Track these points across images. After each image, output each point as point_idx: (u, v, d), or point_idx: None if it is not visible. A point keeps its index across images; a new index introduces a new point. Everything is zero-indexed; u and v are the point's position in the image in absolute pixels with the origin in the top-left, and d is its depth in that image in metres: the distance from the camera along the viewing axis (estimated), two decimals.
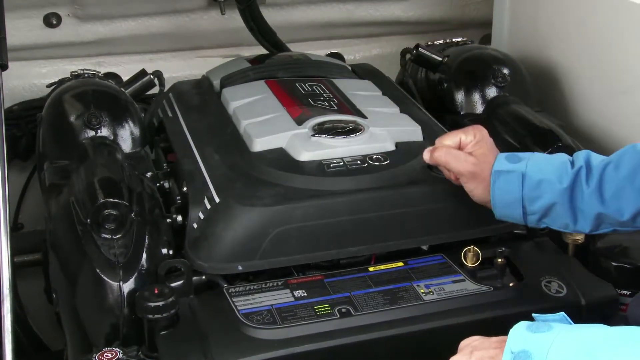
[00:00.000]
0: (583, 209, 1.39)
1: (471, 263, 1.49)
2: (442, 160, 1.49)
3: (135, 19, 2.39)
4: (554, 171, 1.41)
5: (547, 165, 1.42)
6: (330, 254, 1.50)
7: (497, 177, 1.43)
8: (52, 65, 2.39)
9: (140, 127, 1.79)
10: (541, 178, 1.40)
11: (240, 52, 2.45)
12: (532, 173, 1.41)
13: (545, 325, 1.05)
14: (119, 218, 1.45)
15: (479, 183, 1.46)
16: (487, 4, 2.50)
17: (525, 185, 1.41)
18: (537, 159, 1.44)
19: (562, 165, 1.41)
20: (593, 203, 1.37)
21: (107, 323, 1.40)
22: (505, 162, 1.44)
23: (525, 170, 1.42)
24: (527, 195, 1.41)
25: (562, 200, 1.39)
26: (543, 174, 1.41)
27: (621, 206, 1.35)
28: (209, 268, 1.45)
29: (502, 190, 1.43)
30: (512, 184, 1.42)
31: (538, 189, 1.40)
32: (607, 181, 1.36)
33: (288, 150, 1.61)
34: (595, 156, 1.42)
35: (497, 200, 1.43)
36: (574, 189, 1.39)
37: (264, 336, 1.32)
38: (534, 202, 1.41)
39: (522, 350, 1.02)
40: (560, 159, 1.44)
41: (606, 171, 1.37)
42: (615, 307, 1.47)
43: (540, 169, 1.42)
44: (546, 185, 1.40)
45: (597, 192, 1.37)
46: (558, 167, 1.41)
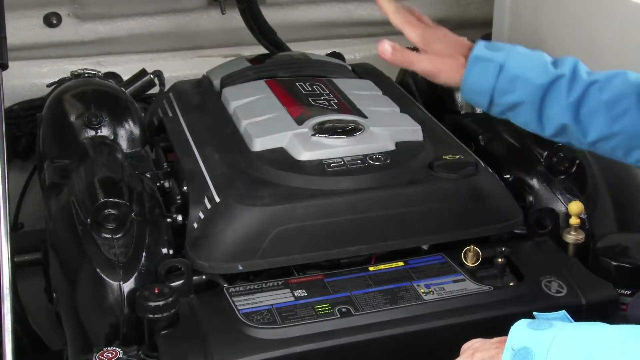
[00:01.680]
0: (551, 115, 1.38)
1: (471, 263, 1.49)
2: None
3: (136, 18, 2.39)
4: (533, 69, 1.38)
5: (526, 61, 1.39)
6: (331, 253, 1.50)
7: (475, 63, 1.39)
8: (52, 65, 2.39)
9: (140, 126, 1.79)
10: (518, 74, 1.37)
11: (241, 52, 2.45)
12: (511, 67, 1.37)
13: (546, 322, 1.05)
14: (119, 218, 1.45)
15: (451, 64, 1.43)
16: (487, 4, 2.50)
17: (500, 77, 1.38)
18: (517, 52, 1.41)
19: (542, 65, 1.38)
20: (565, 114, 1.36)
21: (107, 323, 1.40)
22: (484, 49, 1.40)
23: (504, 63, 1.38)
24: (499, 88, 1.38)
25: (532, 100, 1.37)
26: (521, 70, 1.37)
27: (589, 127, 1.35)
28: (209, 268, 1.45)
29: (476, 78, 1.39)
30: (488, 74, 1.38)
31: (512, 84, 1.38)
32: (587, 99, 1.35)
33: (288, 149, 1.61)
34: (582, 67, 1.39)
35: (468, 85, 1.40)
36: (548, 93, 1.37)
37: (264, 336, 1.32)
38: (503, 96, 1.39)
39: (522, 347, 1.02)
40: (541, 57, 1.40)
41: (590, 89, 1.35)
42: (616, 306, 1.47)
43: (520, 64, 1.38)
44: (521, 82, 1.37)
45: (574, 105, 1.35)
46: (537, 65, 1.38)
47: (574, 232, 1.57)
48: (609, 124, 1.35)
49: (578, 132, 1.37)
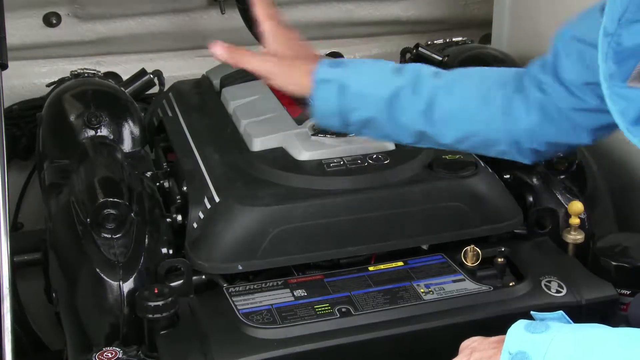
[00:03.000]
0: (405, 124, 1.37)
1: (471, 262, 1.49)
2: None
3: (135, 18, 2.39)
4: (374, 83, 1.36)
5: (367, 76, 1.37)
6: (330, 253, 1.50)
7: (318, 87, 1.37)
8: (52, 65, 2.39)
9: (140, 126, 1.79)
10: (359, 90, 1.35)
11: None
12: (352, 84, 1.35)
13: (543, 325, 1.05)
14: (119, 218, 1.45)
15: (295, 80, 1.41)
16: (487, 4, 2.50)
17: (343, 97, 1.35)
18: (358, 66, 1.39)
19: (383, 77, 1.37)
20: (418, 121, 1.35)
21: (107, 323, 1.40)
22: (327, 69, 1.38)
23: (345, 81, 1.35)
24: (344, 108, 1.36)
25: (381, 114, 1.36)
26: (362, 86, 1.36)
27: (444, 132, 1.35)
28: (209, 268, 1.45)
29: (322, 101, 1.37)
30: (331, 95, 1.36)
31: (356, 102, 1.36)
32: (436, 106, 1.34)
33: (288, 149, 1.61)
34: (426, 72, 1.37)
35: (318, 110, 1.39)
36: (394, 105, 1.35)
37: (264, 336, 1.32)
38: (351, 114, 1.37)
39: (519, 351, 1.02)
40: (383, 69, 1.38)
41: (438, 95, 1.34)
42: (616, 307, 1.47)
43: (360, 80, 1.36)
44: (364, 98, 1.36)
45: (424, 113, 1.34)
46: (378, 79, 1.37)
47: (573, 232, 1.57)
48: (461, 128, 1.35)
49: (435, 137, 1.37)
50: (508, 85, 1.34)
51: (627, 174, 1.84)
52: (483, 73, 1.40)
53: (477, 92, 1.35)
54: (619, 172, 1.84)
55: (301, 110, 1.73)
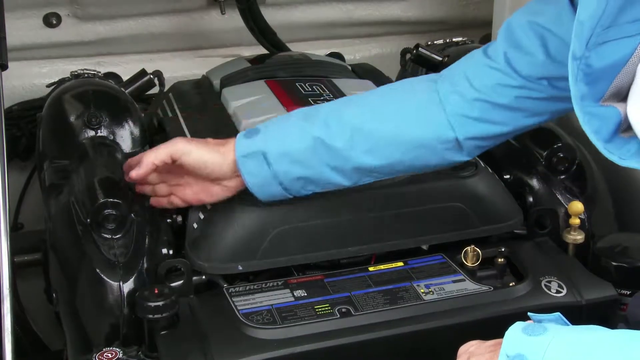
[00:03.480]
0: (338, 167, 1.39)
1: (471, 263, 1.49)
2: None
3: (135, 18, 2.39)
4: (293, 138, 1.38)
5: (283, 134, 1.39)
6: (330, 253, 1.50)
7: (244, 163, 1.39)
8: (52, 65, 2.39)
9: (140, 127, 1.79)
10: (283, 150, 1.38)
11: (241, 52, 2.44)
12: (273, 147, 1.38)
13: (540, 327, 1.04)
14: (119, 218, 1.44)
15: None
16: (487, 4, 2.50)
17: (270, 162, 1.38)
18: (273, 128, 1.40)
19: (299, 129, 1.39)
20: (345, 159, 1.38)
21: (107, 323, 1.40)
22: (245, 140, 1.40)
23: (266, 147, 1.38)
24: (278, 171, 1.38)
25: (311, 167, 1.39)
26: (284, 146, 1.38)
27: (372, 160, 1.39)
28: (209, 268, 1.45)
29: (252, 174, 1.39)
30: (258, 165, 1.38)
31: (284, 162, 1.38)
32: (359, 140, 1.38)
33: None
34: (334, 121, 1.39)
35: (251, 185, 1.40)
36: (317, 151, 1.38)
37: (264, 336, 1.32)
38: (287, 175, 1.39)
39: (517, 354, 1.02)
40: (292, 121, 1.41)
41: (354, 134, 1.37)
42: (615, 307, 1.47)
43: (281, 140, 1.38)
44: (290, 155, 1.38)
45: (347, 149, 1.37)
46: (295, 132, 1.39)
47: (573, 232, 1.57)
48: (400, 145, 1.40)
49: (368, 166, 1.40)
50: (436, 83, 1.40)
51: (627, 174, 1.83)
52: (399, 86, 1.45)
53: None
54: (619, 172, 1.84)
55: None
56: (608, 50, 1.08)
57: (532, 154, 1.73)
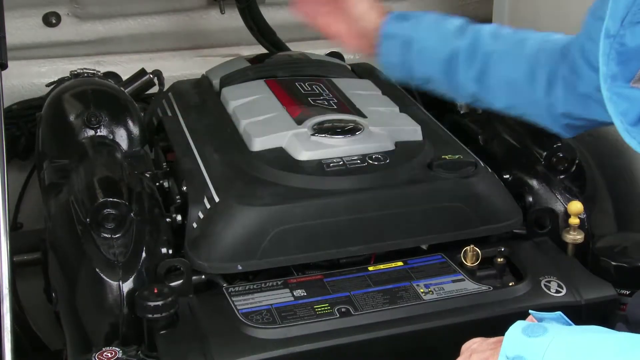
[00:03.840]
0: (461, 85, 1.42)
1: (471, 263, 1.49)
2: None
3: (135, 18, 2.39)
4: (436, 41, 1.41)
5: (431, 32, 1.42)
6: (330, 253, 1.50)
7: (384, 41, 1.44)
8: (51, 65, 2.39)
9: (139, 126, 1.79)
10: (422, 46, 1.41)
11: (240, 52, 2.44)
12: (415, 40, 1.42)
13: (540, 328, 1.04)
14: (118, 217, 1.44)
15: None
16: (486, 4, 2.50)
17: (408, 51, 1.42)
18: (424, 23, 1.44)
19: (445, 35, 1.42)
20: (471, 85, 1.41)
21: (107, 322, 1.40)
22: (394, 23, 1.44)
23: (410, 36, 1.42)
24: (408, 62, 1.43)
25: (439, 73, 1.42)
26: (425, 42, 1.41)
27: (494, 97, 1.41)
28: (208, 267, 1.45)
29: (387, 54, 1.45)
30: (395, 49, 1.43)
31: (419, 58, 1.42)
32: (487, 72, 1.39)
33: (287, 149, 1.61)
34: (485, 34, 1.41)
35: (383, 62, 1.47)
36: (451, 65, 1.41)
37: (264, 336, 1.32)
38: (413, 70, 1.44)
39: (517, 355, 1.02)
40: (446, 27, 1.43)
41: (490, 62, 1.39)
42: (615, 306, 1.47)
43: (425, 35, 1.42)
44: (426, 56, 1.42)
45: (476, 79, 1.40)
46: (440, 37, 1.42)
47: (573, 232, 1.57)
48: (509, 98, 1.39)
49: (487, 101, 1.42)
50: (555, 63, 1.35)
51: (627, 174, 1.84)
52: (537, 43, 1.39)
53: (527, 66, 1.37)
54: (619, 172, 1.84)
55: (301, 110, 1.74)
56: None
57: (532, 153, 1.73)
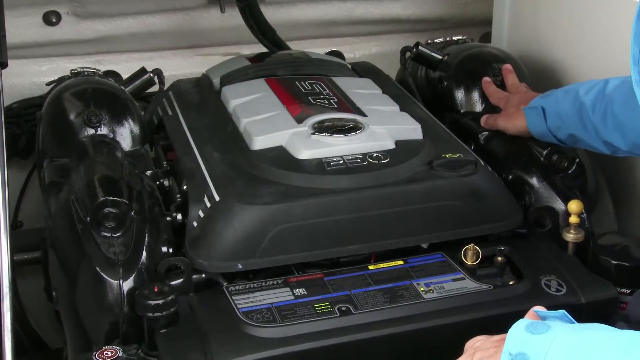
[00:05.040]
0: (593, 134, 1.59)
1: (471, 261, 1.49)
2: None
3: (135, 17, 2.39)
4: (568, 102, 1.63)
5: (563, 98, 1.65)
6: (330, 252, 1.50)
7: (527, 113, 1.72)
8: (51, 63, 2.39)
9: (140, 125, 1.79)
10: (557, 110, 1.65)
11: (240, 50, 2.45)
12: (550, 106, 1.66)
13: (544, 325, 1.04)
14: (118, 216, 1.44)
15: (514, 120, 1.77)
16: (487, 2, 2.50)
17: (547, 118, 1.67)
18: (559, 93, 1.68)
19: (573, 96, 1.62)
20: (599, 130, 1.57)
21: (107, 321, 1.40)
22: (537, 99, 1.71)
23: (545, 105, 1.67)
24: (551, 126, 1.66)
25: (576, 127, 1.61)
26: (558, 106, 1.64)
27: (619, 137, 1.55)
28: (208, 266, 1.45)
29: (532, 124, 1.70)
30: (538, 118, 1.69)
31: (557, 120, 1.65)
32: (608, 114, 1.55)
33: (288, 148, 1.61)
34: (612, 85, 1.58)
35: (533, 132, 1.72)
36: (582, 117, 1.59)
37: (264, 334, 1.32)
38: (558, 131, 1.66)
39: (519, 352, 1.02)
40: (576, 89, 1.63)
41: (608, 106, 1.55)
42: (615, 305, 1.47)
43: (557, 102, 1.66)
44: (561, 116, 1.64)
45: (601, 122, 1.57)
46: (571, 98, 1.63)
47: (573, 231, 1.57)
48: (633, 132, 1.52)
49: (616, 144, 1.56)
50: None
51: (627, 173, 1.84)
52: None
53: None
54: (619, 172, 1.84)
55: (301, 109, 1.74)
56: None
57: (532, 152, 1.73)
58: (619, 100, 1.53)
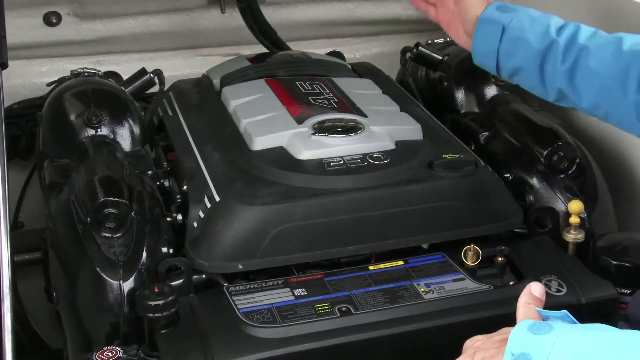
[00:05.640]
0: (550, 80, 1.41)
1: (471, 262, 1.49)
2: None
3: (135, 17, 2.39)
4: (534, 33, 1.40)
5: (530, 24, 1.42)
6: (331, 252, 1.50)
7: (480, 25, 1.44)
8: (52, 64, 2.39)
9: (140, 125, 1.79)
10: (519, 36, 1.41)
11: (241, 51, 2.45)
12: (513, 29, 1.42)
13: (546, 326, 1.04)
14: (119, 217, 1.45)
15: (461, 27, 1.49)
16: None
17: (503, 39, 1.42)
18: (525, 14, 1.43)
19: (544, 28, 1.41)
20: (560, 80, 1.39)
21: (107, 322, 1.40)
22: (494, 11, 1.45)
23: (508, 24, 1.42)
24: (502, 50, 1.43)
25: (532, 64, 1.41)
26: (523, 33, 1.41)
27: (582, 94, 1.38)
28: (209, 267, 1.46)
29: (482, 39, 1.45)
30: (492, 35, 1.43)
31: (513, 47, 1.42)
32: (578, 66, 1.37)
33: (288, 148, 1.61)
34: (583, 32, 1.39)
35: (476, 48, 1.46)
36: (545, 58, 1.40)
37: (264, 335, 1.32)
38: (507, 59, 1.43)
39: (522, 352, 1.02)
40: (546, 21, 1.42)
41: (581, 56, 1.37)
42: (616, 305, 1.47)
43: (523, 26, 1.42)
44: (521, 45, 1.41)
45: (567, 72, 1.38)
46: (540, 29, 1.41)
47: (573, 231, 1.57)
48: (598, 93, 1.36)
49: (574, 98, 1.39)
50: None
51: (627, 173, 1.84)
52: (633, 43, 1.36)
53: (620, 64, 1.34)
54: (619, 172, 1.84)
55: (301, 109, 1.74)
56: None
57: (533, 152, 1.73)
58: (597, 54, 1.36)
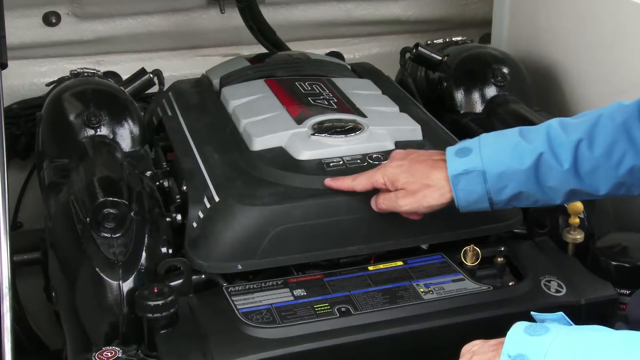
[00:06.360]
0: (554, 187, 1.36)
1: (471, 262, 1.49)
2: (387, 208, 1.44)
3: (135, 17, 2.39)
4: (511, 158, 1.35)
5: (502, 153, 1.36)
6: (330, 253, 1.50)
7: (457, 182, 1.37)
8: (51, 64, 2.39)
9: (139, 126, 1.79)
10: (502, 170, 1.35)
11: (240, 51, 2.45)
12: (491, 167, 1.35)
13: (542, 327, 1.04)
14: (118, 217, 1.44)
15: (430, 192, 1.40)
16: (486, 3, 2.50)
17: (487, 181, 1.36)
18: (489, 148, 1.37)
19: (516, 149, 1.36)
20: (567, 180, 1.35)
21: (107, 322, 1.40)
22: (457, 160, 1.37)
23: (483, 166, 1.36)
24: (492, 189, 1.36)
25: (527, 185, 1.36)
26: (502, 165, 1.35)
27: (597, 184, 1.34)
28: (208, 267, 1.45)
29: (465, 192, 1.37)
30: (474, 184, 1.36)
31: (501, 181, 1.36)
32: (581, 161, 1.33)
33: (288, 149, 1.61)
34: (555, 130, 1.36)
35: (462, 202, 1.38)
36: (539, 172, 1.35)
37: (264, 335, 1.32)
38: (500, 193, 1.37)
39: (519, 354, 1.02)
40: (512, 141, 1.37)
41: (579, 150, 1.33)
42: (615, 306, 1.47)
43: (498, 159, 1.36)
44: (508, 175, 1.35)
45: (571, 171, 1.34)
46: (513, 152, 1.36)
47: (573, 231, 1.57)
48: (614, 174, 1.33)
49: (589, 191, 1.36)
50: None
51: None
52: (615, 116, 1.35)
53: (617, 132, 1.33)
54: None
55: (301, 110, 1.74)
56: None
57: None
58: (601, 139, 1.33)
